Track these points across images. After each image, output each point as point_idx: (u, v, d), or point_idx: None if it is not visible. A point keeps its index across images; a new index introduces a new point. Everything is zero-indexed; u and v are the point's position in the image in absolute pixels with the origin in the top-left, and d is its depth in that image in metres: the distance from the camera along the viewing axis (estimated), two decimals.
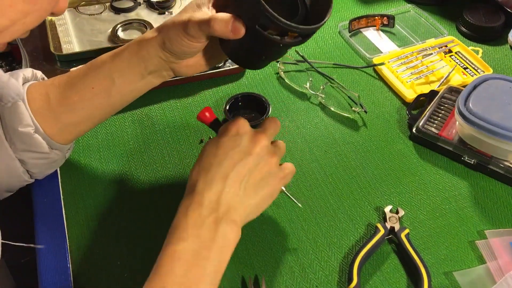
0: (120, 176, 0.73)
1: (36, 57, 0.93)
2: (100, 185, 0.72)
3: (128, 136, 0.79)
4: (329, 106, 0.84)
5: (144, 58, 0.61)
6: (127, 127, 0.81)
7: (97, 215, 0.68)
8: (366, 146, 0.78)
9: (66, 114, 0.64)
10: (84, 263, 0.63)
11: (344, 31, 1.00)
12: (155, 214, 0.68)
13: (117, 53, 0.62)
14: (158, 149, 0.77)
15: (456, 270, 0.62)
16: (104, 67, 0.63)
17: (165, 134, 0.79)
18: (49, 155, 0.66)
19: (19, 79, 0.64)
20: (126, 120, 0.81)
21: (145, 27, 0.99)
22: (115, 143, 0.78)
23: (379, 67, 0.91)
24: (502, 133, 0.69)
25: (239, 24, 0.53)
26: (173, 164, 0.75)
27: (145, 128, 0.80)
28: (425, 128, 0.77)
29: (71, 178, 0.73)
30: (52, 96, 0.63)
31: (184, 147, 0.78)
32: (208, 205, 0.53)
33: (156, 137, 0.79)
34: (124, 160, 0.75)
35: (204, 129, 0.80)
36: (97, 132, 0.79)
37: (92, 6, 1.05)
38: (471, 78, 0.89)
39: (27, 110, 0.62)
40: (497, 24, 0.98)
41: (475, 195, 0.71)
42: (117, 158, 0.76)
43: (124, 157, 0.76)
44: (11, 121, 0.62)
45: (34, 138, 0.63)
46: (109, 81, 0.62)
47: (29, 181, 0.68)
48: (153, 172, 0.74)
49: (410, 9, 1.07)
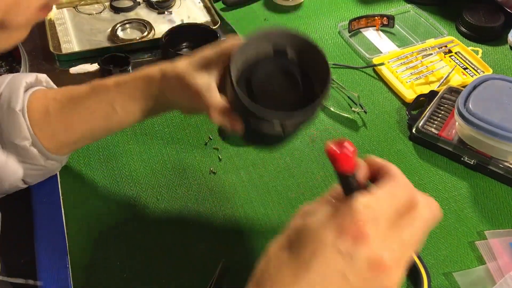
0: (119, 177, 0.73)
1: (35, 57, 0.93)
2: (100, 185, 0.72)
3: (127, 136, 0.79)
4: (329, 107, 0.84)
5: (147, 96, 0.61)
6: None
7: (96, 215, 0.68)
8: (365, 146, 0.78)
9: (64, 132, 0.64)
10: (84, 263, 0.63)
11: (344, 31, 1.00)
12: (155, 215, 0.68)
13: (121, 83, 0.62)
14: (157, 149, 0.77)
15: (456, 270, 0.62)
16: (107, 94, 0.62)
17: (164, 134, 0.79)
18: (45, 167, 0.66)
19: (21, 88, 0.63)
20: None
21: (145, 27, 0.99)
22: (114, 143, 0.78)
23: (379, 67, 0.91)
24: (502, 133, 0.69)
25: (234, 119, 0.54)
26: (173, 164, 0.75)
27: (144, 128, 0.80)
28: (425, 128, 0.77)
29: (71, 178, 0.72)
30: (52, 111, 0.63)
31: (184, 147, 0.77)
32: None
33: (156, 137, 0.79)
34: (123, 160, 0.75)
35: (204, 129, 0.80)
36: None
37: (91, 6, 1.05)
38: (470, 78, 0.89)
39: (25, 121, 0.61)
40: (497, 24, 0.98)
41: (475, 196, 0.71)
42: (116, 158, 0.75)
43: (123, 157, 0.76)
44: (8, 131, 0.61)
45: (30, 151, 0.62)
46: (110, 109, 0.62)
47: (23, 187, 0.67)
48: (153, 172, 0.74)
49: (410, 9, 1.07)
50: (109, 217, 0.68)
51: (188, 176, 0.73)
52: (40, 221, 0.67)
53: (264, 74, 0.54)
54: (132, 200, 0.70)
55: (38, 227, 0.67)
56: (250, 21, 1.04)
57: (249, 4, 1.09)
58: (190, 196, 0.70)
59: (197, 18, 1.03)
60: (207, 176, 0.73)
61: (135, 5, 1.05)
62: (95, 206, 0.69)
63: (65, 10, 1.04)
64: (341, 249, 0.36)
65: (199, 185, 0.72)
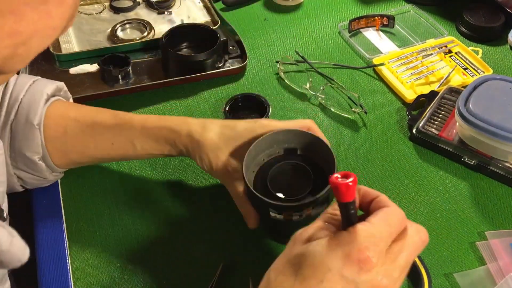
0: (119, 177, 0.73)
1: (35, 56, 0.92)
2: (100, 186, 0.72)
3: None
4: (329, 107, 0.84)
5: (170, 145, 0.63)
6: None
7: (96, 215, 0.68)
8: (366, 147, 0.78)
9: (77, 154, 0.64)
10: (84, 264, 0.63)
11: (344, 31, 1.00)
12: (155, 215, 0.68)
13: (148, 127, 0.62)
14: None
15: (457, 271, 0.62)
16: (131, 132, 0.63)
17: None
18: (48, 179, 0.66)
19: (41, 100, 0.62)
20: None
21: (145, 27, 0.99)
22: None
23: (379, 67, 0.91)
24: (502, 134, 0.69)
25: (252, 219, 0.59)
26: (172, 164, 0.75)
27: None
28: (425, 129, 0.77)
29: (71, 179, 0.72)
30: (70, 132, 0.63)
31: None
32: None
33: None
34: (123, 161, 0.75)
35: None
36: None
37: (91, 6, 1.05)
38: (471, 78, 0.89)
39: (40, 136, 0.61)
40: (497, 24, 0.98)
41: (475, 196, 0.71)
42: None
43: None
44: (21, 142, 0.61)
45: (38, 165, 0.62)
46: (131, 146, 0.63)
47: (20, 190, 0.67)
48: (153, 173, 0.73)
49: (410, 9, 1.07)
50: (109, 218, 0.68)
51: (188, 176, 0.73)
52: (40, 221, 0.67)
53: (277, 172, 0.61)
54: (132, 201, 0.70)
55: (38, 227, 0.67)
56: (250, 21, 1.04)
57: (249, 4, 1.09)
58: (190, 196, 0.70)
59: (197, 18, 1.03)
60: (207, 176, 0.73)
61: (135, 5, 1.04)
62: (95, 207, 0.69)
63: None
64: (347, 276, 0.38)
65: (199, 185, 0.72)
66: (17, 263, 0.46)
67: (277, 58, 0.93)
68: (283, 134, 0.61)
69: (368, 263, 0.38)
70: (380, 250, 0.39)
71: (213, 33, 0.92)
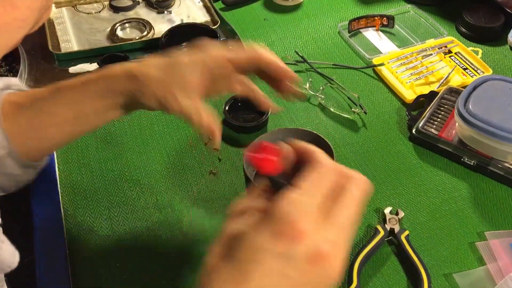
0: (119, 177, 0.73)
1: (34, 56, 0.92)
2: (99, 186, 0.72)
3: (126, 136, 0.79)
4: (329, 107, 0.84)
5: (111, 96, 0.57)
6: (126, 127, 0.80)
7: (96, 216, 0.68)
8: (365, 147, 0.78)
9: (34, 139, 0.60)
10: (83, 264, 0.63)
11: (343, 31, 1.00)
12: (155, 215, 0.68)
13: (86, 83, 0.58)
14: (157, 149, 0.77)
15: (456, 271, 0.62)
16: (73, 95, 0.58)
17: (164, 134, 0.79)
18: (21, 177, 0.63)
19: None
20: (125, 120, 0.81)
21: (144, 26, 0.99)
22: (114, 143, 0.77)
23: (379, 67, 0.91)
24: (502, 134, 0.69)
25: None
26: (172, 164, 0.75)
27: (143, 128, 0.80)
28: (424, 129, 0.77)
29: (70, 179, 0.72)
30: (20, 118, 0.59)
31: (184, 147, 0.77)
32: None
33: (156, 137, 0.79)
34: (123, 161, 0.75)
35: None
36: (96, 132, 0.79)
37: (90, 5, 1.05)
38: (471, 78, 0.89)
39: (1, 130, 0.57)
40: (496, 24, 0.98)
41: (475, 197, 0.71)
42: (116, 159, 0.75)
43: (123, 157, 0.75)
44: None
45: (7, 161, 0.59)
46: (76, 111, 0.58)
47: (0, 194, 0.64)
48: (153, 173, 0.73)
49: (410, 10, 1.07)
50: (109, 218, 0.68)
51: (188, 176, 0.73)
52: (40, 221, 0.67)
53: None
54: (132, 201, 0.70)
55: (38, 227, 0.66)
56: (250, 21, 1.04)
57: (249, 4, 1.09)
58: (190, 196, 0.70)
59: (197, 18, 1.03)
60: (207, 176, 0.73)
61: (134, 4, 1.04)
62: (95, 207, 0.69)
63: (64, 9, 1.04)
64: (279, 252, 0.36)
65: (199, 185, 0.72)
66: (6, 268, 0.46)
67: None
68: (283, 133, 0.61)
69: (300, 235, 0.35)
70: (313, 217, 0.37)
71: (212, 33, 0.92)
